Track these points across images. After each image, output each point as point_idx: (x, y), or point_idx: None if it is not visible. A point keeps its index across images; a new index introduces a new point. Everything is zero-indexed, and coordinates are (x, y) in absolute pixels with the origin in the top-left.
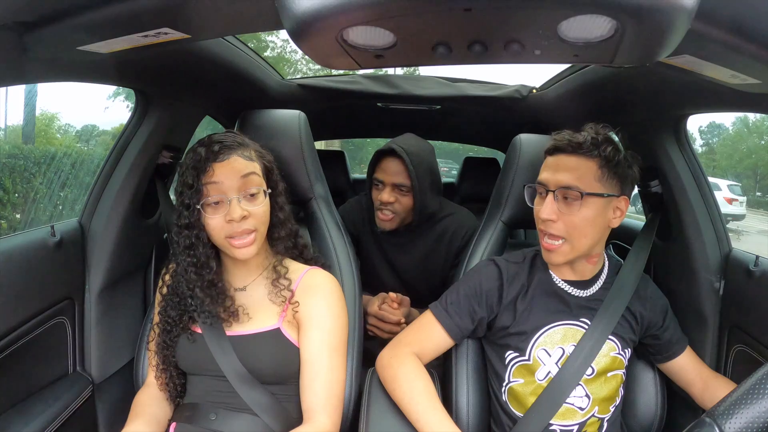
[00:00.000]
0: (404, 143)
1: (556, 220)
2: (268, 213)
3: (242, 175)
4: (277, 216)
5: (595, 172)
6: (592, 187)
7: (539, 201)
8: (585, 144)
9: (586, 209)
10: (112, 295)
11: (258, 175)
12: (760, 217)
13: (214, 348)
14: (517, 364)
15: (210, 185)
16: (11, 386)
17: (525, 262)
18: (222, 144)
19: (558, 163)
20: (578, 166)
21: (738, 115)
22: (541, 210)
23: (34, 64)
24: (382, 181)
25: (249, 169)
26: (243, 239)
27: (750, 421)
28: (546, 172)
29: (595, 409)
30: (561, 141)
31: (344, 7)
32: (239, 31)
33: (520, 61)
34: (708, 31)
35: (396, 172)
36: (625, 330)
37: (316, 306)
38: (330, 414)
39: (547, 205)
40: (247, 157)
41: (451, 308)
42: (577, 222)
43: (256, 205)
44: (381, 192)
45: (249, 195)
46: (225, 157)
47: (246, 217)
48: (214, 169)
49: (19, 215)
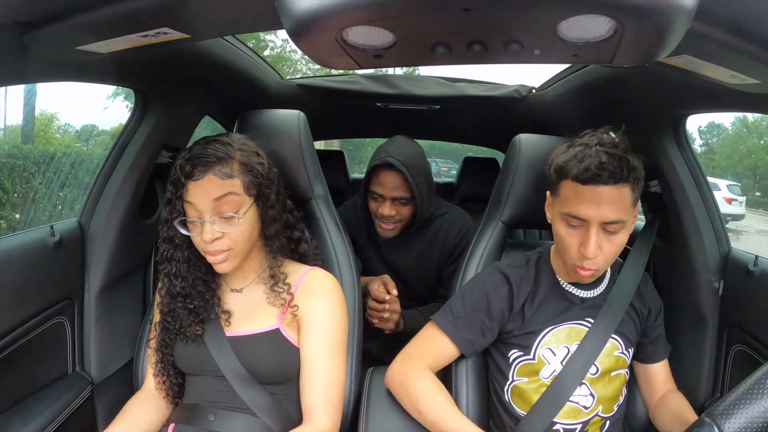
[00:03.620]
0: (400, 154)
1: (599, 255)
2: (246, 232)
3: (215, 198)
4: (268, 229)
5: (630, 197)
6: (630, 214)
7: (571, 233)
8: (623, 172)
9: (624, 235)
10: (112, 295)
11: (237, 194)
12: (759, 217)
13: (213, 348)
14: (521, 363)
15: (186, 204)
16: (11, 386)
17: (529, 266)
18: (199, 160)
19: (598, 197)
20: (619, 197)
21: (737, 115)
22: (585, 249)
23: (34, 64)
24: (381, 195)
25: (224, 190)
26: (216, 257)
27: (749, 420)
28: (585, 208)
29: (599, 408)
30: (596, 169)
31: (344, 7)
32: (239, 31)
33: (519, 61)
34: (708, 31)
35: (396, 187)
36: (629, 329)
37: (316, 306)
38: (330, 414)
39: (593, 244)
40: (225, 174)
41: (460, 322)
42: (616, 250)
43: (231, 227)
44: (381, 205)
45: (224, 217)
46: (199, 177)
47: (219, 238)
48: (189, 188)
49: (18, 215)
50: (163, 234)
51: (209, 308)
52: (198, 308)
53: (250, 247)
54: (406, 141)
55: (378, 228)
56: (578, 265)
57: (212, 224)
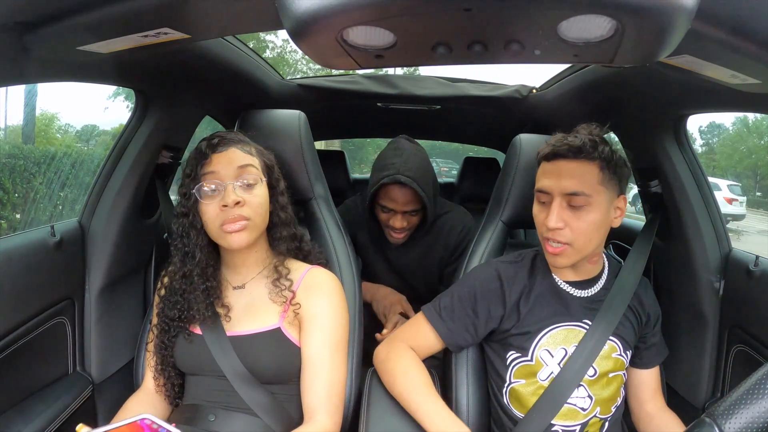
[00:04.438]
0: (408, 169)
1: (563, 227)
2: (264, 205)
3: (239, 166)
4: (278, 215)
5: (597, 174)
6: (597, 191)
7: (540, 209)
8: (585, 147)
9: (593, 214)
10: (112, 295)
11: (256, 168)
12: (759, 217)
13: (214, 348)
14: (519, 365)
15: (207, 174)
16: (11, 386)
17: (524, 263)
18: (222, 137)
19: (560, 170)
20: (581, 171)
21: (738, 115)
22: (547, 219)
23: (34, 64)
24: (392, 209)
25: (246, 161)
26: (235, 225)
27: (750, 421)
28: (547, 180)
29: (596, 410)
30: (560, 146)
31: (344, 7)
32: (239, 31)
33: (520, 61)
34: (708, 31)
35: (407, 202)
36: (628, 331)
37: (317, 305)
38: (331, 413)
39: (554, 214)
40: (246, 150)
41: (444, 312)
42: (585, 228)
43: (252, 194)
44: (392, 218)
45: (245, 184)
46: (223, 149)
47: (240, 204)
48: (212, 159)
49: (19, 215)
50: (178, 209)
51: (208, 301)
52: (211, 289)
53: (263, 229)
54: (411, 150)
55: (388, 236)
56: (546, 238)
57: (234, 189)
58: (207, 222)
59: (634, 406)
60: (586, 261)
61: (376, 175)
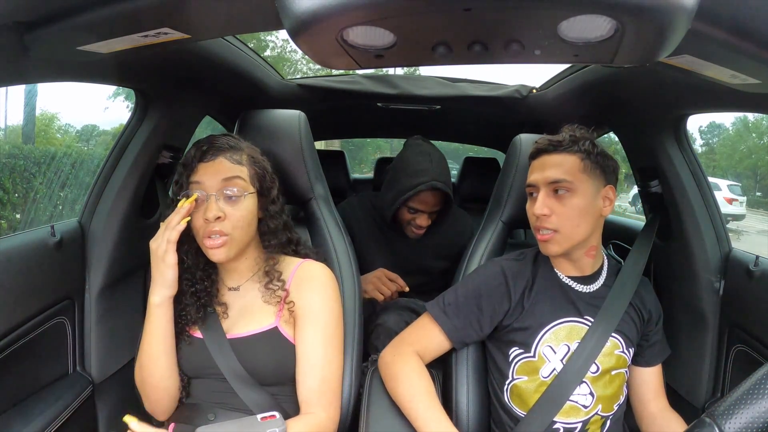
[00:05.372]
0: (440, 174)
1: (549, 214)
2: (248, 218)
3: (224, 178)
4: (267, 225)
5: (579, 164)
6: (579, 179)
7: (531, 203)
8: (565, 142)
9: (577, 199)
10: (112, 295)
11: (243, 180)
12: (760, 217)
13: (214, 350)
14: (522, 361)
15: (193, 184)
16: (11, 386)
17: (527, 260)
18: (211, 145)
19: (543, 163)
20: (563, 161)
21: (738, 115)
22: (534, 207)
23: (34, 64)
24: (421, 210)
25: (233, 173)
26: (214, 240)
27: (750, 421)
28: (534, 174)
29: (598, 407)
30: (542, 143)
31: (344, 7)
32: (239, 31)
33: (520, 61)
34: (708, 31)
35: (436, 203)
36: (630, 329)
37: (310, 300)
38: (325, 407)
39: (539, 201)
40: (235, 160)
41: (449, 309)
42: (569, 213)
43: (234, 208)
44: (418, 218)
45: (229, 197)
46: (211, 158)
47: (221, 219)
48: (198, 168)
49: (19, 215)
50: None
51: (209, 300)
52: (200, 293)
53: (247, 240)
54: (437, 153)
55: (410, 232)
56: (536, 228)
57: (217, 201)
58: (194, 232)
59: (636, 406)
60: (583, 254)
61: (407, 180)
